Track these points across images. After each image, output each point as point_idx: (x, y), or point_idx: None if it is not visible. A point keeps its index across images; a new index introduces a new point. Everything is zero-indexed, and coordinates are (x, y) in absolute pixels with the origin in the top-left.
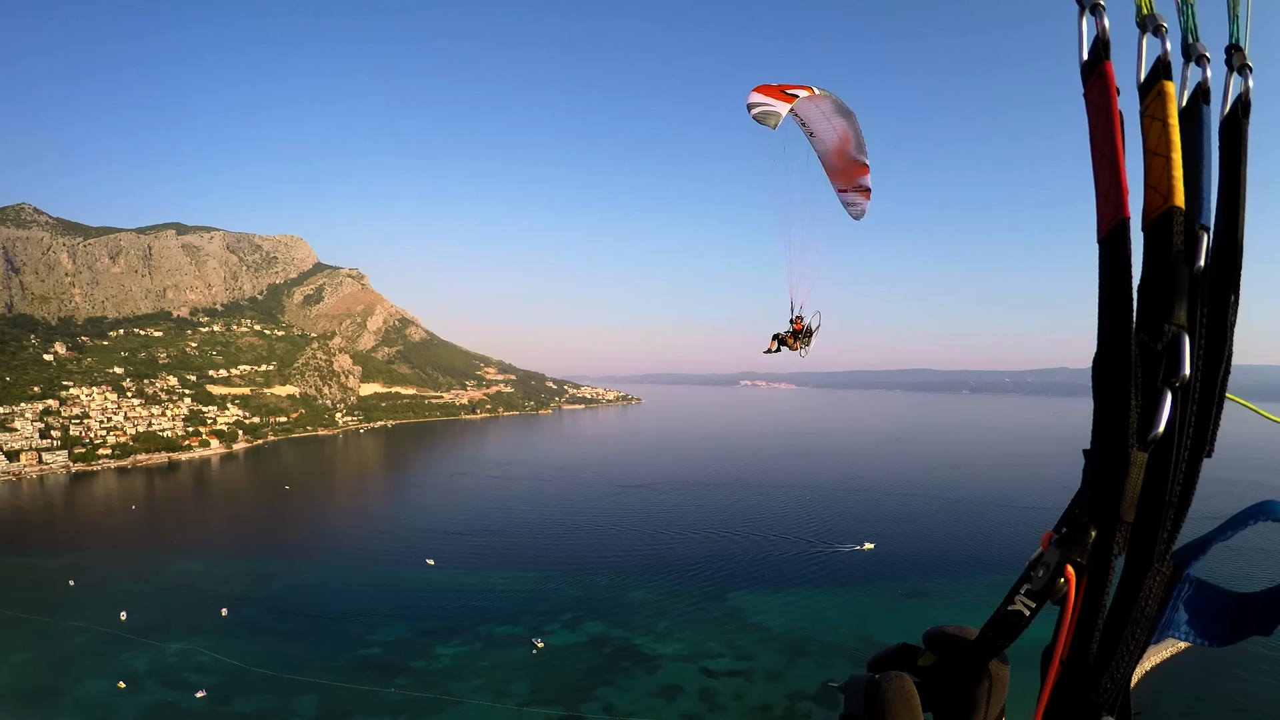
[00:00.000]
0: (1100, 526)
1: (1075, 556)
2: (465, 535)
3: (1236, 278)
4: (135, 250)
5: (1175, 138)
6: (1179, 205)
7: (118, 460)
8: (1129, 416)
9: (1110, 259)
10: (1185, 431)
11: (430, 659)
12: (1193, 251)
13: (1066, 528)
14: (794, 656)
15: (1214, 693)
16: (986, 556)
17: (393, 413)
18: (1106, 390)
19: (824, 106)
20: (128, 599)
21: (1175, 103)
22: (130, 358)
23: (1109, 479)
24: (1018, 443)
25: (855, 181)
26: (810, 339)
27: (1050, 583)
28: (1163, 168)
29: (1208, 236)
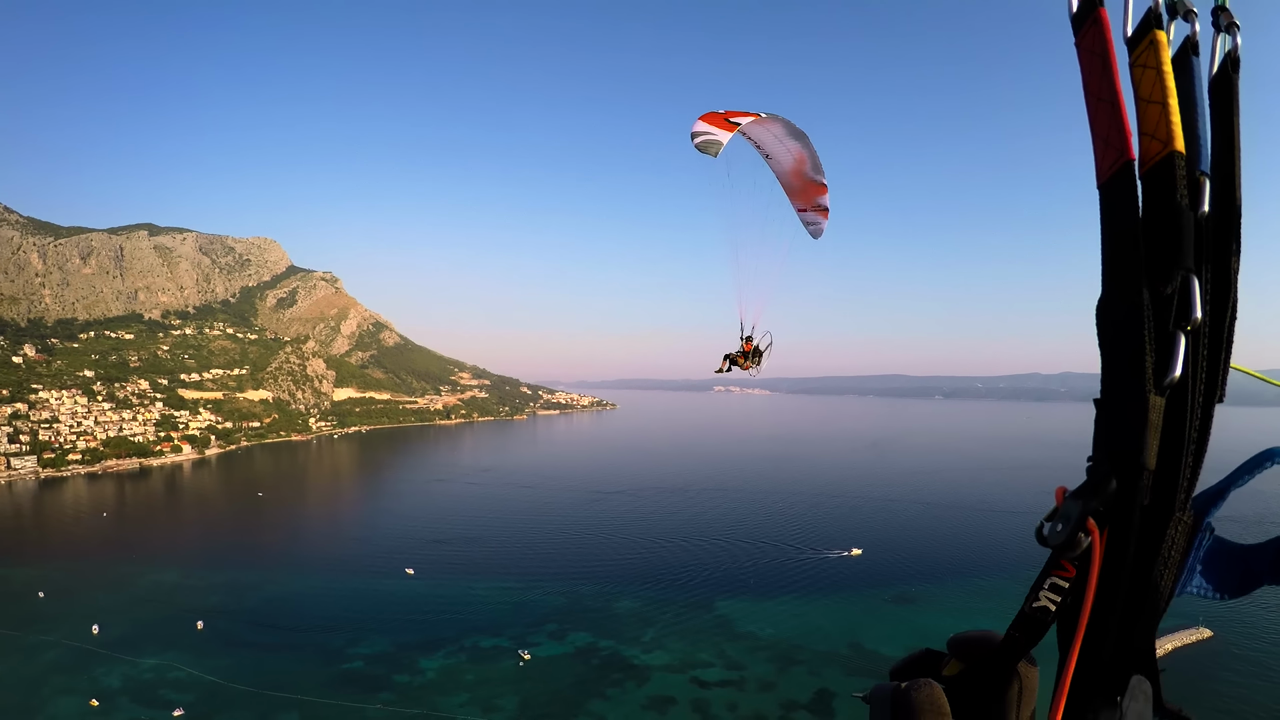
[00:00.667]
0: (1122, 475)
1: (1097, 507)
2: (445, 543)
3: (1237, 226)
4: (106, 251)
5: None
6: (1180, 150)
7: (88, 466)
8: (1145, 361)
9: (1115, 203)
10: (1199, 375)
11: (414, 673)
12: (1196, 196)
13: (1086, 478)
14: (785, 665)
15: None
16: (970, 561)
17: (367, 418)
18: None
19: (775, 129)
20: (100, 611)
21: (1168, 50)
22: (101, 360)
23: (1128, 425)
24: (993, 447)
25: (814, 201)
26: (760, 358)
27: (1071, 536)
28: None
29: (1209, 182)
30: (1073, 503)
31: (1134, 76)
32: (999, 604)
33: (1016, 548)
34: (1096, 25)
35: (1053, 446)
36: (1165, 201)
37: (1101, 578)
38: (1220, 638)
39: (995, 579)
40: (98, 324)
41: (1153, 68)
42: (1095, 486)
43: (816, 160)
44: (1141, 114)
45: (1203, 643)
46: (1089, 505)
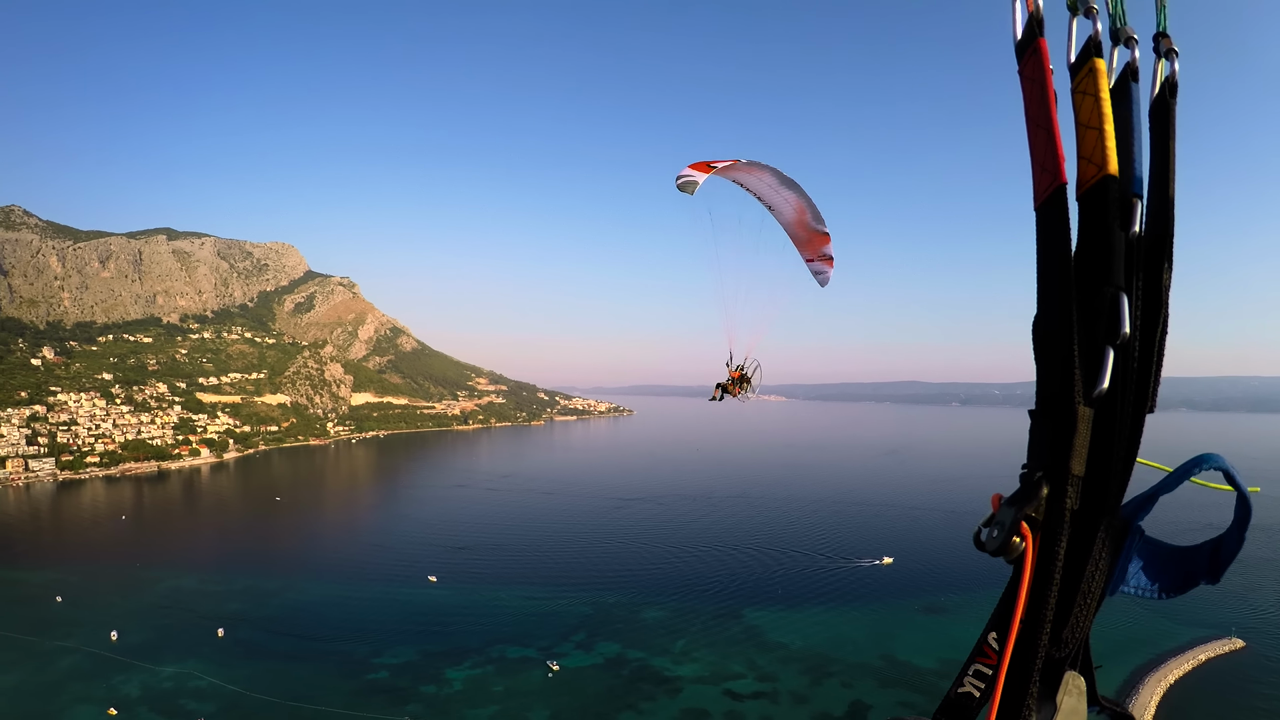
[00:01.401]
0: (1052, 482)
1: (1030, 513)
2: (467, 550)
3: (1169, 246)
4: (125, 255)
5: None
6: (1113, 173)
7: (106, 469)
8: (1074, 374)
9: (1049, 224)
10: (1128, 387)
11: (441, 684)
12: (1128, 217)
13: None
14: (817, 677)
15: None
16: (998, 570)
17: (384, 423)
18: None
19: (767, 179)
20: (118, 617)
21: (1106, 78)
22: (119, 364)
23: (1058, 435)
24: (1015, 455)
25: (819, 251)
26: (748, 385)
27: (1005, 541)
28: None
29: (1141, 204)
30: (1007, 509)
31: (1075, 102)
32: None
33: None
34: (1036, 54)
35: None
36: (1098, 223)
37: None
38: (1253, 648)
39: None
40: (116, 327)
41: (1091, 94)
42: (1028, 493)
43: (816, 210)
44: (1081, 138)
45: (1235, 653)
46: (1022, 511)
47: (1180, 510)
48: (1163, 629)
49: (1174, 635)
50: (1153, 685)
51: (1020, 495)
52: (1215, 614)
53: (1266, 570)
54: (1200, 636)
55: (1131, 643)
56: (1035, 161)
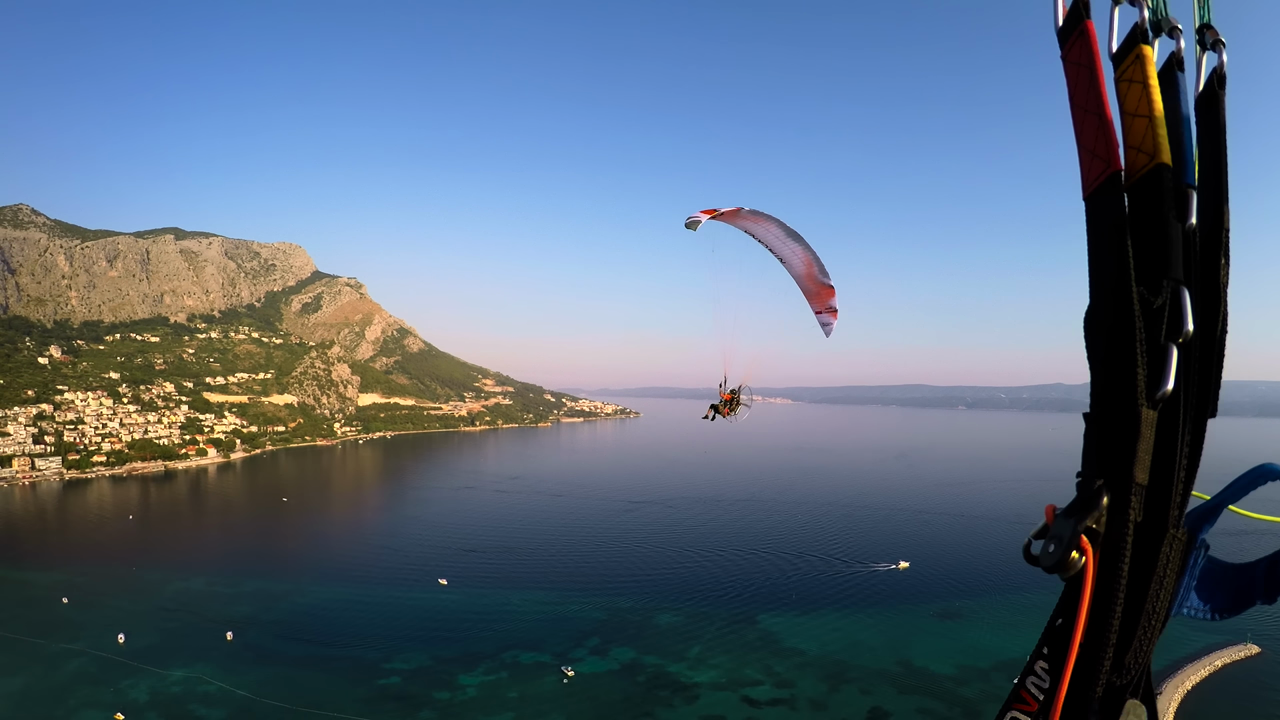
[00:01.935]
0: (1114, 491)
1: (1090, 525)
2: (477, 553)
3: (1225, 240)
4: (133, 254)
5: (1157, 96)
6: (1166, 162)
7: (112, 468)
8: (1137, 374)
9: (1102, 213)
10: (1191, 389)
11: (455, 689)
12: (1184, 208)
13: (1076, 496)
14: (835, 683)
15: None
16: (1011, 575)
17: (391, 423)
18: (1106, 348)
19: (774, 230)
20: (125, 619)
21: (1154, 65)
22: (126, 363)
23: (1119, 440)
24: (1022, 459)
25: (826, 304)
26: (738, 406)
27: (1063, 556)
28: (1145, 127)
29: (1195, 195)
30: (1065, 521)
31: (1119, 91)
32: (1044, 619)
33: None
34: (1083, 38)
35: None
36: (1152, 213)
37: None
38: (1269, 654)
39: (1039, 594)
40: (123, 326)
41: (1139, 82)
42: (1087, 503)
43: (821, 263)
44: (1127, 128)
45: (1251, 659)
46: (1082, 523)
47: None
48: (1177, 634)
49: (1189, 641)
50: (1170, 692)
51: (1079, 506)
52: (1231, 621)
53: None
54: (1216, 642)
55: None
56: (1084, 149)
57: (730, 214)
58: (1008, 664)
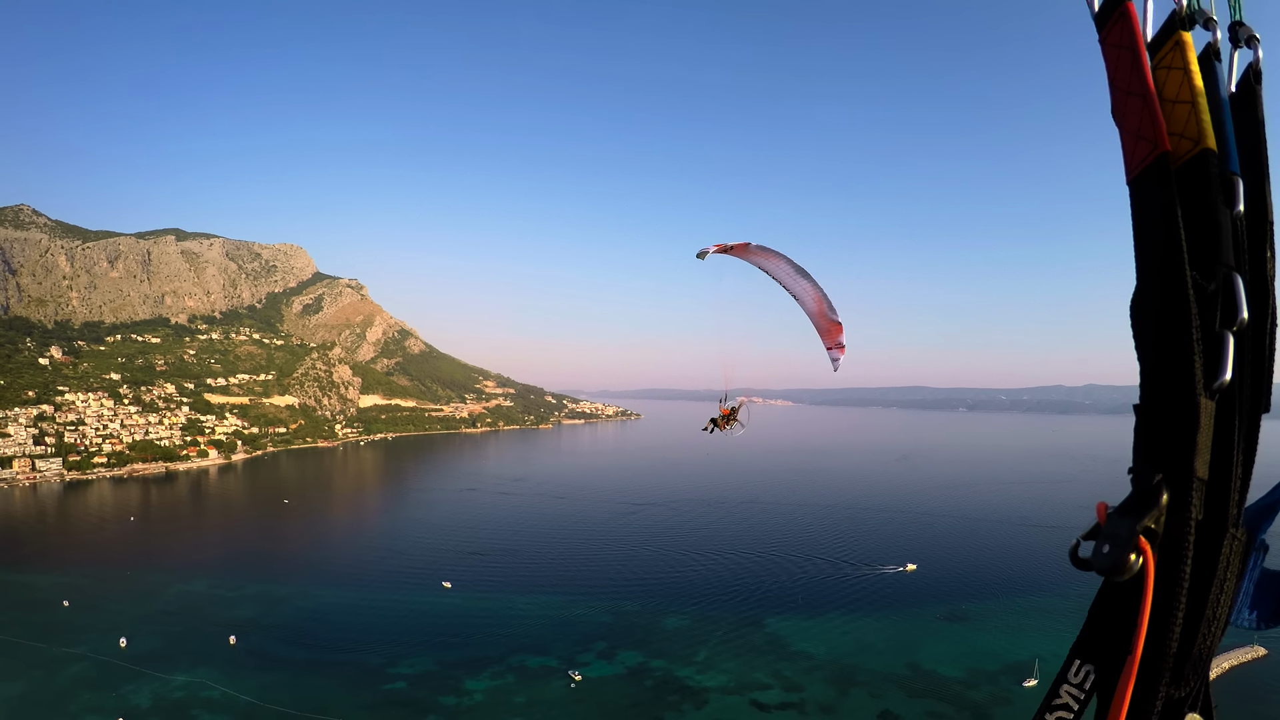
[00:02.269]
0: (1173, 487)
1: (1149, 524)
2: (481, 556)
3: (1271, 234)
4: (134, 255)
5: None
6: (1212, 148)
7: (113, 469)
8: (1193, 362)
9: (1149, 196)
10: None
11: (461, 694)
12: (1231, 194)
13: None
14: (844, 686)
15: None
16: (1017, 577)
17: (392, 425)
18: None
19: (784, 267)
20: (127, 622)
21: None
22: (127, 364)
23: (1176, 432)
24: (1025, 461)
25: (836, 340)
26: (735, 420)
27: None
28: (1188, 113)
29: (1240, 183)
30: (1121, 520)
31: (1158, 79)
32: (1050, 621)
33: (1062, 564)
34: (1124, 19)
35: (1083, 461)
36: (1200, 198)
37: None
38: (1275, 656)
39: (1044, 596)
40: (124, 327)
41: (1179, 68)
42: (1146, 500)
43: (829, 301)
44: (1168, 115)
45: (1257, 661)
46: (1140, 522)
47: None
48: None
49: None
50: None
51: (1136, 503)
52: None
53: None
54: (1223, 646)
55: None
56: (1127, 133)
57: (739, 248)
58: (1015, 667)
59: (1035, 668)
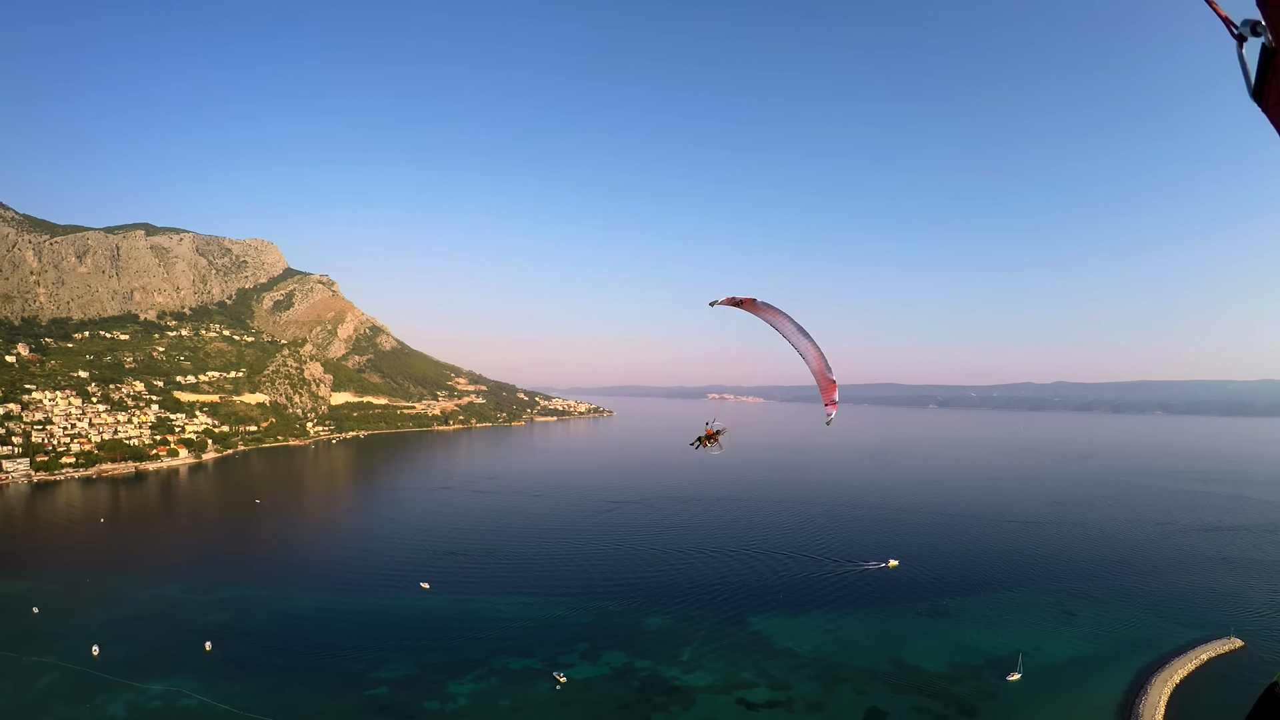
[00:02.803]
0: None
1: None
2: (459, 555)
3: None
4: (103, 250)
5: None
6: None
7: (82, 470)
8: None
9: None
10: None
11: (445, 699)
12: None
13: None
14: (830, 683)
15: (1242, 704)
16: (994, 572)
17: (364, 423)
18: None
19: (788, 326)
20: (99, 629)
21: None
22: (95, 361)
23: None
24: (997, 457)
25: (831, 397)
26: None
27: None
28: None
29: None
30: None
31: None
32: (1029, 616)
33: (1038, 559)
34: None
35: (1054, 456)
36: None
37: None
38: (1251, 648)
39: (1022, 591)
40: (93, 324)
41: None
42: None
43: (826, 360)
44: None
45: (1233, 652)
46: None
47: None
48: (1163, 629)
49: (1174, 636)
50: (1160, 685)
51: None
52: (1212, 615)
53: (1257, 571)
54: (1200, 637)
55: (1134, 643)
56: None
57: (748, 303)
58: (998, 661)
59: (1018, 662)
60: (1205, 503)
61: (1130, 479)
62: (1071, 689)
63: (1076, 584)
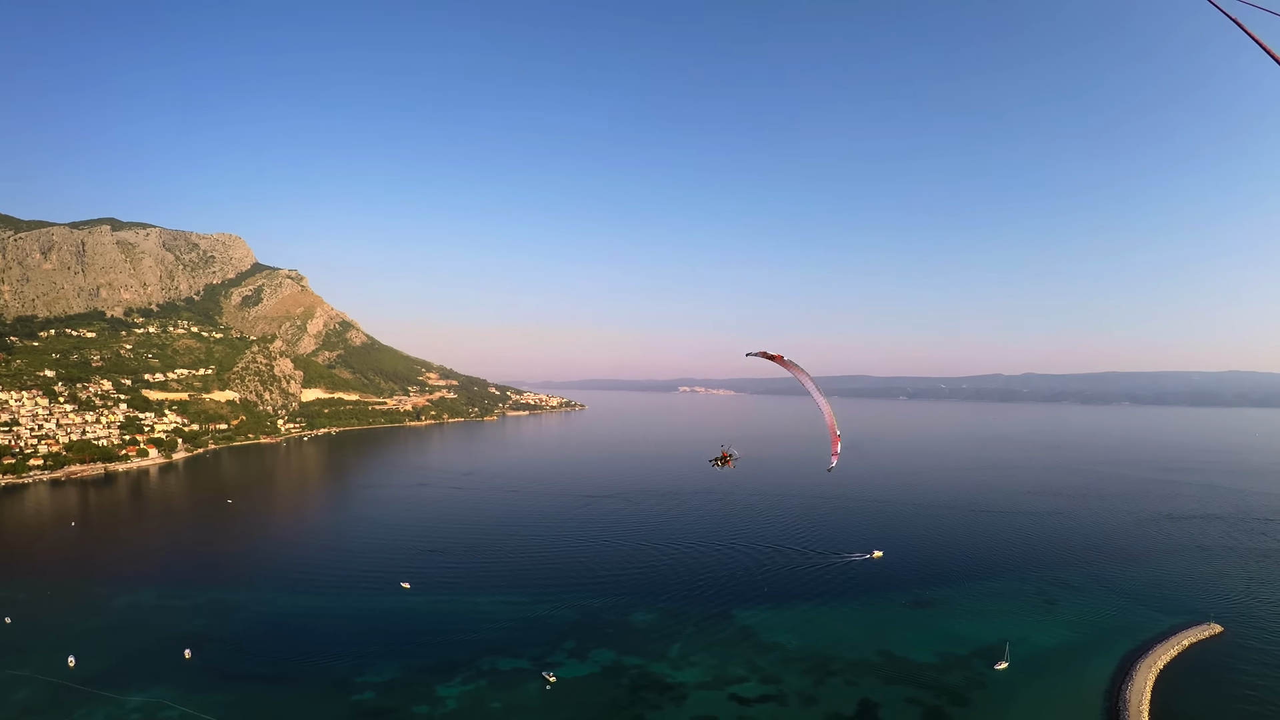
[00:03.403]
0: None
1: None
2: (439, 554)
3: None
4: (68, 246)
5: None
6: None
7: (50, 472)
8: None
9: None
10: None
11: (433, 702)
12: None
13: None
14: (821, 676)
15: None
16: (975, 562)
17: (336, 419)
18: None
19: (809, 383)
20: (74, 640)
21: None
22: (62, 360)
23: None
24: (969, 448)
25: (835, 450)
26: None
27: None
28: None
29: None
30: None
31: None
32: (1012, 605)
33: (1017, 549)
34: None
35: (1025, 446)
36: None
37: None
38: (1231, 633)
39: (1004, 580)
40: (58, 321)
41: None
42: None
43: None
44: None
45: (1214, 638)
46: None
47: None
48: (1144, 616)
49: (1156, 623)
50: (1145, 671)
51: None
52: (1191, 601)
53: (1232, 558)
54: (1181, 623)
55: (1117, 630)
56: None
57: (777, 358)
58: (985, 650)
59: (1005, 651)
60: (1176, 491)
61: (1101, 469)
62: (1059, 677)
63: (1056, 573)
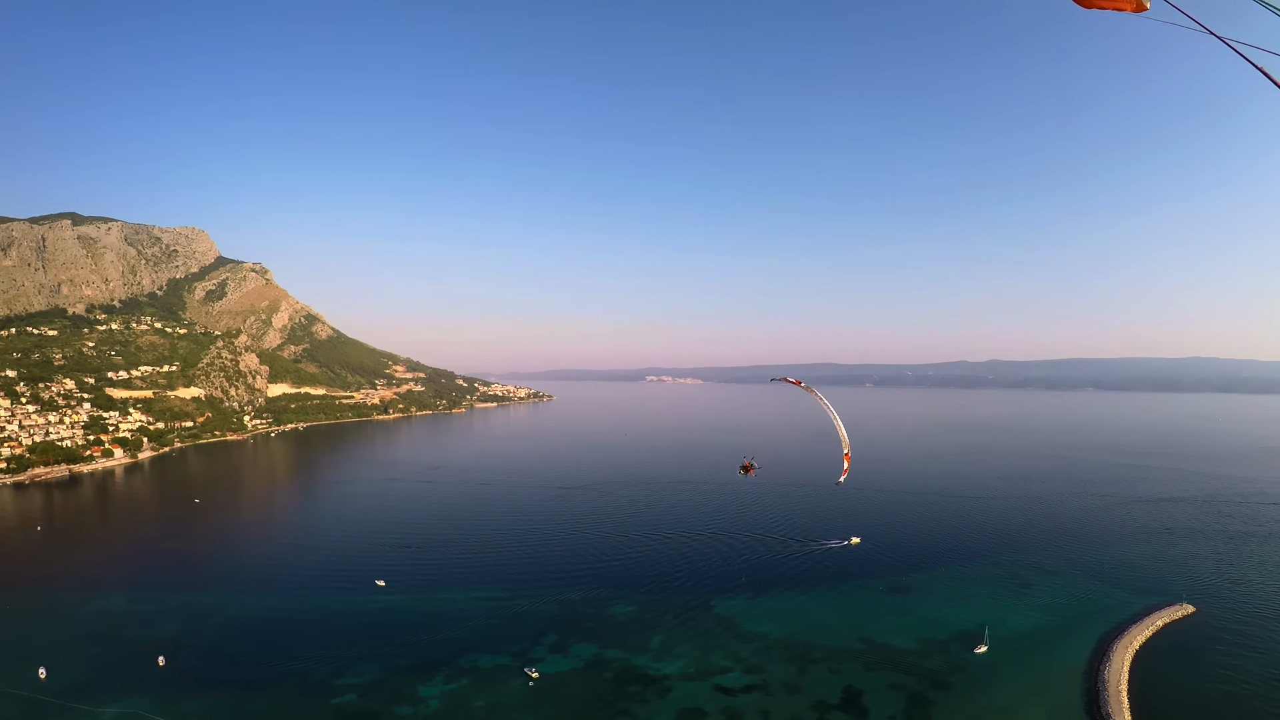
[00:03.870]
0: None
1: None
2: (412, 549)
3: None
4: (28, 242)
5: None
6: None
7: (13, 475)
8: None
9: None
10: None
11: (416, 703)
12: None
13: None
14: (803, 664)
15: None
16: (949, 547)
17: (303, 414)
18: None
19: (827, 406)
20: (44, 650)
21: None
22: (23, 359)
23: None
24: (936, 433)
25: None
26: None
27: None
28: None
29: None
30: None
31: None
32: (988, 589)
33: (990, 533)
34: None
35: (993, 431)
36: None
37: None
38: (1203, 613)
39: (978, 565)
40: (19, 320)
41: None
42: None
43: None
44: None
45: (1187, 618)
46: None
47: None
48: (1119, 598)
49: (1130, 604)
50: (1121, 652)
51: None
52: (1163, 583)
53: (1200, 540)
54: (1154, 604)
55: (1092, 612)
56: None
57: (797, 383)
58: (964, 635)
59: (985, 635)
60: (1143, 475)
61: (1068, 453)
62: (1037, 659)
63: (1029, 557)
